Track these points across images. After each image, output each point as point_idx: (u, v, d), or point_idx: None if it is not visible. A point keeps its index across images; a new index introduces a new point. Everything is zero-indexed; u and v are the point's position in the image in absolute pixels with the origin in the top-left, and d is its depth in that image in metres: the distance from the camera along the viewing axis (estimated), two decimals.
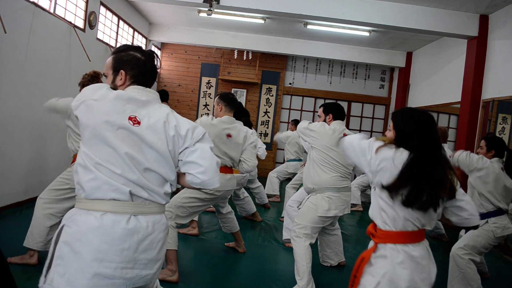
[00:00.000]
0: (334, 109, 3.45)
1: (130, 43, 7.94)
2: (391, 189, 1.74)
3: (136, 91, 1.66)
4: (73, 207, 1.63)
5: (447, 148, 4.76)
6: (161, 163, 1.63)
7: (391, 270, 1.76)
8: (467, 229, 1.90)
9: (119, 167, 1.53)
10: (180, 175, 1.75)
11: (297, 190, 5.01)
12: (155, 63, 1.77)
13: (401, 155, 1.74)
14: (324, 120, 3.46)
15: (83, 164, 1.54)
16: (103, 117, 1.54)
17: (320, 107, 3.57)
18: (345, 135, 3.20)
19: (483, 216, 3.45)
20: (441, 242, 5.24)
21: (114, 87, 1.69)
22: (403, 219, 1.77)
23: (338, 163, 3.30)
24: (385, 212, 1.80)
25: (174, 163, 1.68)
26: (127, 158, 1.54)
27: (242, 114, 5.35)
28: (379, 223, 1.85)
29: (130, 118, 1.58)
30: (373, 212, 1.90)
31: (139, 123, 1.59)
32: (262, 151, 6.00)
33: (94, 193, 1.52)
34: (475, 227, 1.93)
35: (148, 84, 1.74)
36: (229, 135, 3.43)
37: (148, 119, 1.62)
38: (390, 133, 1.89)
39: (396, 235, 1.79)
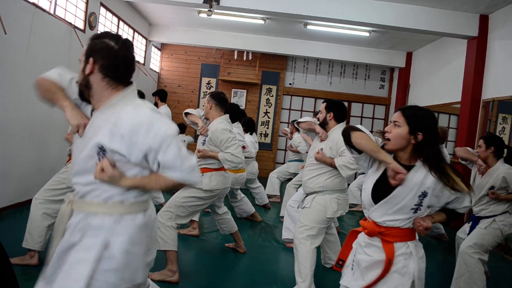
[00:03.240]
0: (336, 108, 3.35)
1: None
2: None
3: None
4: None
5: (443, 148, 4.77)
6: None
7: (416, 266, 1.85)
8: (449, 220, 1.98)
9: None
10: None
11: (298, 189, 5.01)
12: (130, 53, 1.59)
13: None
14: (325, 117, 3.38)
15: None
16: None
17: (323, 102, 3.46)
18: None
19: (489, 216, 3.52)
20: (441, 242, 5.24)
21: (83, 76, 1.56)
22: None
23: None
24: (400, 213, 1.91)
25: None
26: None
27: (239, 115, 5.34)
28: (390, 221, 1.92)
29: None
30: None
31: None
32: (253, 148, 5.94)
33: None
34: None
35: (121, 79, 1.58)
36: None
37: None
38: (398, 129, 1.87)
39: (411, 231, 1.91)
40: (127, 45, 1.59)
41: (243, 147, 5.04)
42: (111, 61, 1.54)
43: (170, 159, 1.50)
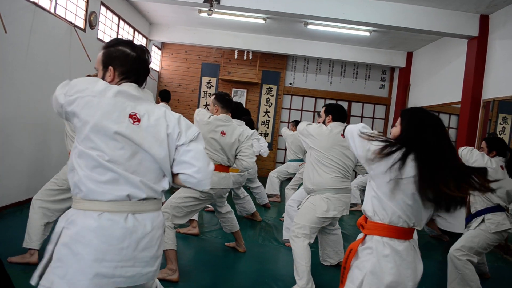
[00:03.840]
0: (335, 110, 3.43)
1: None
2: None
3: (132, 88, 1.63)
4: (69, 206, 1.62)
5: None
6: (159, 163, 1.61)
7: (375, 263, 1.78)
8: (450, 233, 1.92)
9: (118, 169, 1.52)
10: (173, 175, 1.73)
11: (297, 190, 5.01)
12: (146, 58, 1.71)
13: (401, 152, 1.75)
14: (324, 121, 3.45)
15: (80, 163, 1.52)
16: (104, 115, 1.50)
17: (322, 107, 3.57)
18: (342, 135, 3.20)
19: (481, 212, 3.47)
20: (441, 242, 5.24)
21: None
22: (393, 212, 1.79)
23: (337, 164, 3.29)
24: (376, 204, 1.83)
25: (170, 161, 1.65)
26: (124, 163, 1.53)
27: (242, 113, 5.36)
28: (369, 214, 1.88)
29: (130, 116, 1.56)
30: (365, 204, 1.93)
31: (139, 120, 1.57)
32: (265, 149, 6.00)
33: (91, 194, 1.51)
34: (459, 234, 1.94)
35: (140, 82, 1.69)
36: (223, 133, 3.45)
37: (148, 117, 1.60)
38: (395, 129, 1.90)
39: (384, 227, 1.82)
40: (143, 51, 1.69)
41: None
42: (130, 66, 1.64)
43: None
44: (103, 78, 1.65)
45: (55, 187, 3.19)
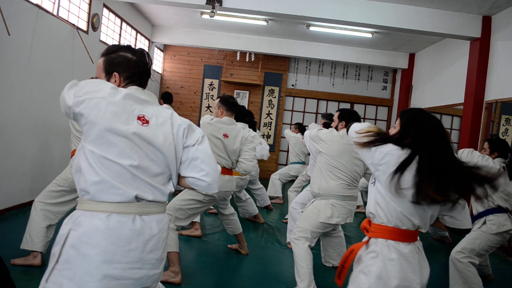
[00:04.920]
0: (348, 116, 3.37)
1: (133, 45, 7.97)
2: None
3: (139, 92, 1.65)
4: (71, 209, 1.62)
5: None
6: (167, 164, 1.62)
7: (382, 267, 1.76)
8: (459, 231, 1.88)
9: (126, 170, 1.52)
10: (179, 177, 1.73)
11: (300, 193, 5.00)
12: (147, 61, 1.72)
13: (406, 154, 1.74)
14: (336, 126, 3.43)
15: (88, 164, 1.51)
16: (112, 118, 1.50)
17: (336, 112, 3.53)
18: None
19: (482, 214, 3.45)
20: (444, 244, 5.23)
21: None
22: (398, 215, 1.78)
23: (345, 170, 3.25)
24: (381, 206, 1.81)
25: (177, 162, 1.66)
26: (133, 164, 1.53)
27: (245, 115, 5.35)
28: (374, 217, 1.86)
29: (139, 118, 1.56)
30: (369, 206, 1.90)
31: (147, 122, 1.58)
32: (266, 152, 5.98)
33: (99, 195, 1.50)
34: (467, 231, 1.91)
35: (143, 84, 1.71)
36: (225, 135, 3.44)
37: (156, 118, 1.61)
38: (394, 130, 1.90)
39: (389, 230, 1.80)
40: (144, 54, 1.71)
41: None
42: (133, 70, 1.66)
43: None
44: None
45: (57, 188, 3.19)
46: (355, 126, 2.01)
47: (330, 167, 3.27)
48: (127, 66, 1.65)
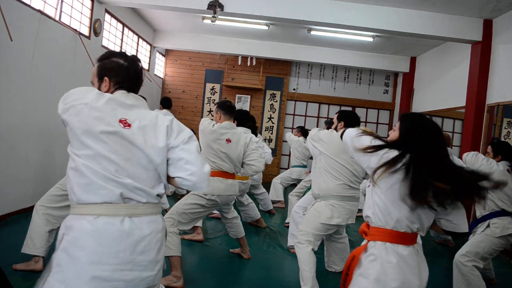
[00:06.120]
0: (346, 117, 3.44)
1: (135, 50, 8.00)
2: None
3: (124, 96, 1.68)
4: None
5: (452, 156, 4.75)
6: (153, 165, 1.63)
7: (380, 270, 1.76)
8: (455, 235, 1.87)
9: (110, 171, 1.54)
10: (169, 177, 1.75)
11: (301, 197, 5.00)
12: (138, 67, 1.78)
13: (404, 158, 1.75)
14: (336, 127, 3.46)
15: (74, 167, 1.55)
16: (93, 123, 1.53)
17: (335, 114, 3.59)
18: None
19: (486, 217, 3.45)
20: (446, 248, 5.21)
21: None
22: (396, 217, 1.77)
23: (345, 170, 3.27)
24: (379, 209, 1.81)
25: (164, 162, 1.67)
26: (118, 165, 1.55)
27: (247, 120, 5.35)
28: (372, 220, 1.86)
29: (120, 121, 1.59)
30: (367, 209, 1.90)
31: (129, 125, 1.60)
32: (268, 156, 5.99)
33: (85, 197, 1.53)
34: (464, 234, 1.91)
35: (134, 89, 1.76)
36: (228, 140, 3.46)
37: (139, 121, 1.63)
38: (394, 133, 1.90)
39: (388, 233, 1.80)
40: (134, 60, 1.77)
41: None
42: (123, 76, 1.72)
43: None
44: (99, 89, 1.72)
45: (59, 192, 3.19)
46: (351, 132, 2.01)
47: (329, 167, 3.30)
48: (118, 71, 1.72)
